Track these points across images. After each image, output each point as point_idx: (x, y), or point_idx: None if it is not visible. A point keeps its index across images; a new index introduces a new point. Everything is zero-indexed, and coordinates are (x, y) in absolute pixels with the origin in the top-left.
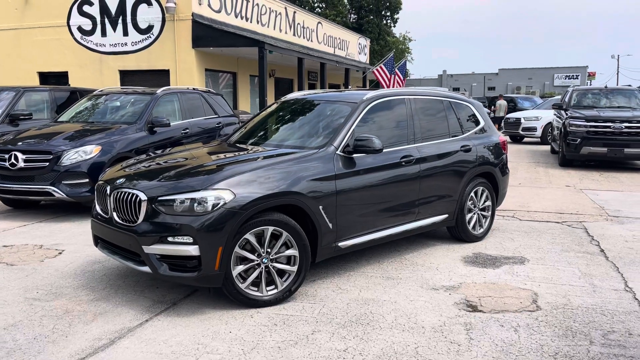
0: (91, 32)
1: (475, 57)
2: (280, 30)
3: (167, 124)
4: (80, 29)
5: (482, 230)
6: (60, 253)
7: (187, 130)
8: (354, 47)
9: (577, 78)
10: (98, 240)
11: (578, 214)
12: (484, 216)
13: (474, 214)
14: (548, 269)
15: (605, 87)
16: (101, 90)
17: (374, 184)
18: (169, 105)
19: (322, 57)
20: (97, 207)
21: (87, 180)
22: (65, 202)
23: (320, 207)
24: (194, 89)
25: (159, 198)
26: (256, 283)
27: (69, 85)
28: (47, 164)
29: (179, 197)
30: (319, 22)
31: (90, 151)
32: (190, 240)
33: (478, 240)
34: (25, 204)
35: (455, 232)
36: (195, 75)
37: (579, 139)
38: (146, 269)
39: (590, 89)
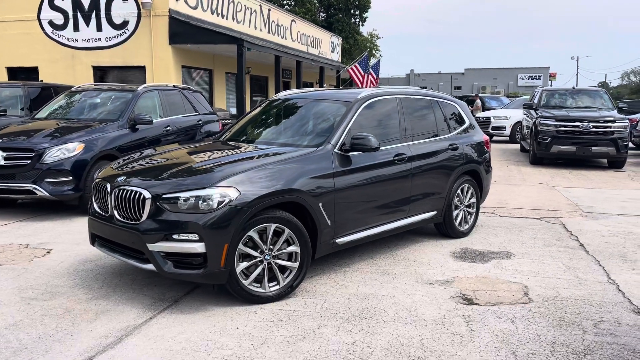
0: (63, 27)
1: (442, 56)
2: (256, 28)
3: (149, 122)
4: (51, 23)
5: (467, 226)
6: (48, 252)
7: (169, 128)
8: (327, 45)
9: (540, 78)
10: (95, 239)
11: (554, 210)
12: (469, 213)
13: (460, 210)
14: (534, 263)
15: (574, 87)
16: (79, 87)
17: (370, 182)
18: (150, 103)
19: (298, 55)
20: (95, 205)
21: (70, 178)
22: (45, 201)
23: (320, 204)
24: (174, 86)
25: (164, 196)
26: (258, 279)
27: (41, 81)
28: (29, 161)
29: (184, 194)
30: (292, 20)
31: (73, 149)
32: (196, 237)
33: (464, 236)
34: (1, 203)
35: (443, 228)
36: (171, 72)
37: (549, 138)
38: (150, 266)
39: (559, 90)
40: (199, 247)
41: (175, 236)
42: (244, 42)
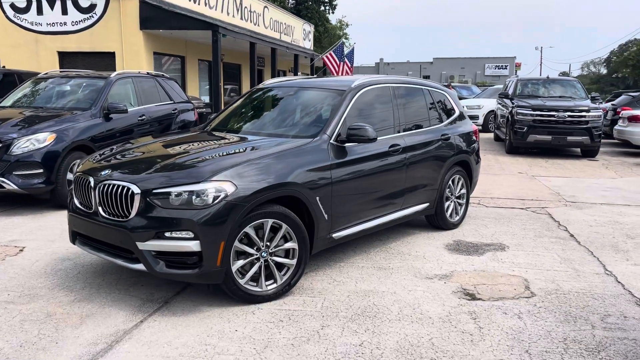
0: (25, 10)
1: (410, 45)
2: (228, 14)
3: (124, 110)
4: (13, 6)
5: (458, 217)
6: (21, 250)
7: (144, 117)
8: (299, 33)
9: (506, 68)
10: (76, 236)
11: (538, 200)
12: (460, 204)
13: (451, 202)
14: (529, 255)
15: (547, 77)
16: (46, 73)
17: (365, 174)
18: (124, 91)
19: (274, 42)
20: (76, 201)
21: (40, 170)
22: (14, 195)
23: (317, 197)
24: (147, 73)
25: (154, 191)
26: (254, 278)
27: (4, 67)
28: None
29: (176, 189)
30: (265, 6)
31: (43, 139)
32: (191, 235)
33: (455, 227)
34: None
35: (434, 220)
36: (143, 58)
37: (525, 127)
38: (140, 266)
39: (533, 79)
40: (194, 246)
41: (167, 234)
42: (220, 27)
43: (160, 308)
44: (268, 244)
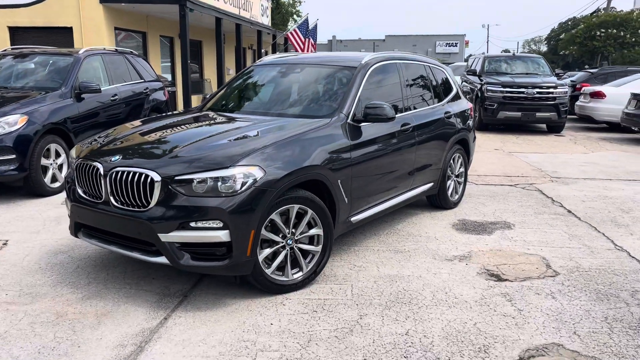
0: None
1: (363, 23)
2: None
3: (97, 90)
4: None
5: (457, 196)
6: (5, 244)
7: (116, 97)
8: (257, 8)
9: (457, 45)
10: (80, 228)
11: (524, 176)
12: (459, 182)
13: (452, 180)
14: (537, 232)
15: (514, 54)
16: (4, 50)
17: (381, 154)
18: (94, 69)
19: (239, 18)
20: (79, 190)
21: (13, 156)
22: None
23: (339, 180)
24: (116, 50)
25: (177, 178)
26: (279, 267)
27: None
28: None
29: (201, 175)
30: None
31: (14, 122)
32: (220, 224)
33: (455, 206)
34: None
35: (436, 200)
36: (104, 34)
37: (495, 104)
38: (161, 259)
39: (500, 56)
40: (223, 236)
41: (193, 224)
42: (187, 2)
43: (181, 303)
44: (293, 230)
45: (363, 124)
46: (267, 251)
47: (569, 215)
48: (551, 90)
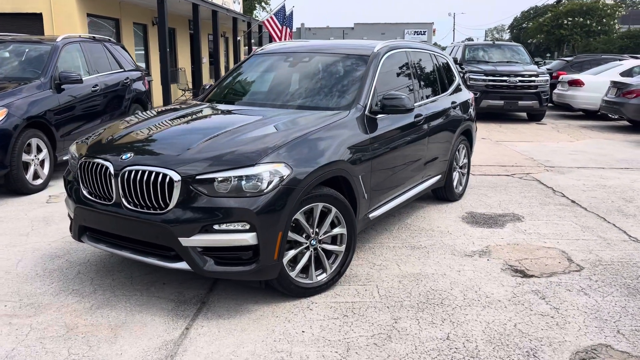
0: None
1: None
2: None
3: (79, 80)
4: None
5: (461, 188)
6: None
7: (97, 88)
8: None
9: (425, 34)
10: (85, 232)
11: (518, 166)
12: (463, 174)
13: (456, 172)
14: (548, 224)
15: (494, 42)
16: None
17: (397, 147)
18: (73, 58)
19: (215, 5)
20: (84, 191)
21: None
22: None
23: (360, 176)
24: (93, 37)
25: (197, 177)
26: (302, 269)
27: None
28: None
29: (224, 174)
30: None
31: None
32: (247, 226)
33: (460, 198)
34: None
35: (442, 192)
36: (76, 21)
37: (478, 93)
38: (181, 265)
39: (480, 44)
40: (250, 239)
41: (216, 226)
42: None
43: (200, 310)
44: (317, 230)
45: (379, 115)
46: (292, 253)
47: (574, 206)
48: (533, 78)
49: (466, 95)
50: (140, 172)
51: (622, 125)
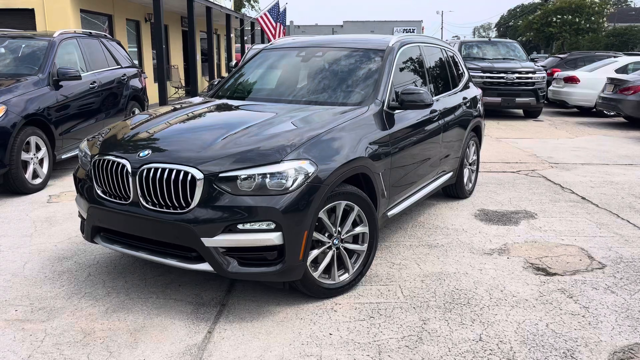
0: None
1: (319, 8)
2: None
3: (77, 76)
4: None
5: (471, 185)
6: None
7: (95, 85)
8: None
9: (414, 32)
10: (99, 232)
11: (522, 162)
12: (472, 171)
13: (466, 169)
14: (562, 221)
15: (489, 39)
16: None
17: (414, 143)
18: (70, 53)
19: (210, 1)
20: (98, 190)
21: None
22: None
23: (380, 172)
24: (90, 33)
25: (221, 175)
26: (325, 270)
27: None
28: None
29: (248, 172)
30: None
31: None
32: (272, 226)
33: (469, 195)
34: None
35: (453, 189)
36: (69, 17)
37: None
38: (203, 266)
39: (476, 41)
40: (276, 238)
41: (240, 226)
42: None
43: (221, 313)
44: (339, 229)
45: (397, 111)
46: (315, 253)
47: (585, 202)
48: (530, 75)
49: (475, 91)
50: (160, 169)
51: (618, 121)
